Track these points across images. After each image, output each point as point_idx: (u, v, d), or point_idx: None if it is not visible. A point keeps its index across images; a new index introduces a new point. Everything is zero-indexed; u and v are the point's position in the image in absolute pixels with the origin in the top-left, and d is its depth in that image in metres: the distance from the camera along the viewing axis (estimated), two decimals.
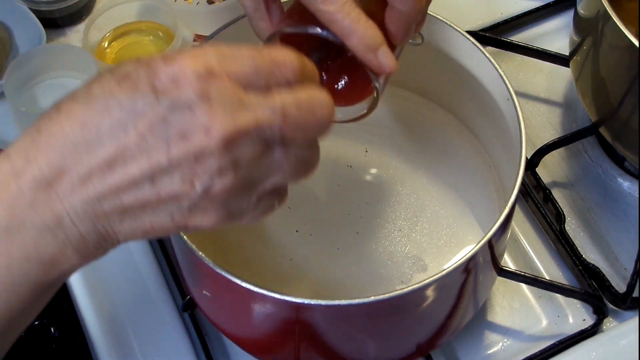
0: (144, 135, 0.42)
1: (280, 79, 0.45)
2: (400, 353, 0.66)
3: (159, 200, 0.43)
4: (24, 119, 0.81)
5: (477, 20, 0.90)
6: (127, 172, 0.42)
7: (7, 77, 0.81)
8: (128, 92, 0.42)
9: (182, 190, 0.43)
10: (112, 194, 0.43)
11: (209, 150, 0.42)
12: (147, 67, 0.43)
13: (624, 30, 0.64)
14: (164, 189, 0.43)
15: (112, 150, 0.42)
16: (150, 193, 0.43)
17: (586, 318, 0.73)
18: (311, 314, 0.58)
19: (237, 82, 0.43)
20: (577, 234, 0.77)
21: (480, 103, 0.70)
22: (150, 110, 0.42)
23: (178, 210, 0.44)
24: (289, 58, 0.46)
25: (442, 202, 0.74)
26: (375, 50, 0.52)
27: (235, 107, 0.43)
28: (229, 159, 0.43)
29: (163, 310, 0.72)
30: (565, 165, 0.82)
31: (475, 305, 0.67)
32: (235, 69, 0.44)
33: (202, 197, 0.43)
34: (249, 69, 0.44)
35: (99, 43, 0.87)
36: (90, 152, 0.42)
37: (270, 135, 0.44)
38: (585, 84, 0.76)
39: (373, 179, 0.76)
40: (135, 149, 0.42)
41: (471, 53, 0.68)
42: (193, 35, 0.88)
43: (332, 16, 0.51)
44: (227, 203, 0.44)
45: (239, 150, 0.43)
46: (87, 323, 0.71)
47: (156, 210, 0.44)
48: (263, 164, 0.45)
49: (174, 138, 0.42)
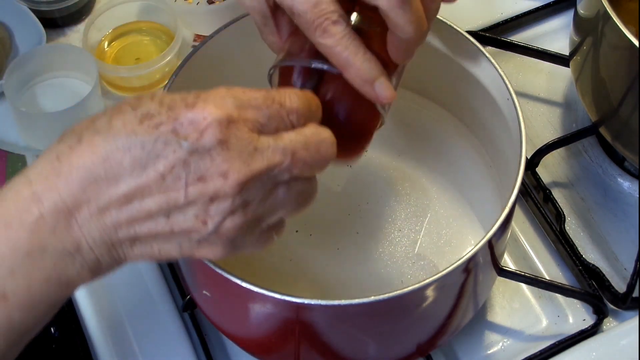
0: (163, 175, 0.45)
1: (287, 123, 0.48)
2: (400, 353, 0.66)
3: (171, 233, 0.46)
4: (24, 119, 0.81)
5: (477, 20, 0.90)
6: (144, 207, 0.45)
7: (7, 77, 0.81)
8: (150, 132, 0.45)
9: (194, 226, 0.46)
10: (127, 225, 0.45)
11: (224, 193, 0.45)
12: (169, 109, 0.45)
13: (624, 30, 0.64)
14: (177, 224, 0.46)
15: (131, 186, 0.45)
16: (163, 226, 0.46)
17: (586, 318, 0.73)
18: (311, 314, 0.58)
19: (252, 128, 0.46)
20: (577, 234, 0.77)
21: (480, 103, 0.70)
22: (171, 152, 0.45)
23: (187, 242, 0.47)
24: (296, 104, 0.49)
25: (442, 202, 0.74)
26: (372, 83, 0.54)
27: (250, 153, 0.46)
28: (241, 201, 0.46)
29: (163, 310, 0.72)
30: (565, 165, 0.82)
31: (475, 305, 0.67)
32: (251, 116, 0.47)
33: (212, 233, 0.46)
34: (262, 115, 0.47)
35: (99, 43, 0.87)
36: (110, 185, 0.45)
37: (279, 176, 0.47)
38: (585, 84, 0.76)
39: (373, 179, 0.76)
40: (153, 187, 0.45)
41: (471, 53, 0.68)
42: (193, 35, 0.88)
43: (330, 49, 0.52)
44: (234, 238, 0.47)
45: (251, 192, 0.46)
46: (87, 323, 0.71)
47: (167, 241, 0.47)
48: (269, 203, 0.48)
49: (192, 180, 0.45)
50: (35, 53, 0.83)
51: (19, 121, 0.81)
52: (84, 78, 0.83)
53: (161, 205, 0.45)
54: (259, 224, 0.48)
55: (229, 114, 0.45)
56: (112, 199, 0.45)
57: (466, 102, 0.73)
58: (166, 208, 0.45)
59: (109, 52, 0.88)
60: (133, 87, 0.85)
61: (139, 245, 0.47)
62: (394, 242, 0.72)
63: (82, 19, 0.90)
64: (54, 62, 0.84)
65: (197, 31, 0.88)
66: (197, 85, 0.69)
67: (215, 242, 0.47)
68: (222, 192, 0.45)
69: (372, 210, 0.74)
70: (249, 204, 0.46)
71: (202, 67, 0.69)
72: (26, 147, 0.81)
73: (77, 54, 0.83)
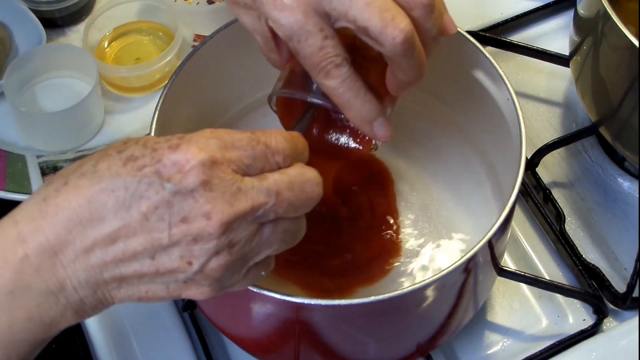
0: (146, 216, 0.45)
1: (273, 164, 0.49)
2: (400, 353, 0.66)
3: (157, 273, 0.46)
4: (24, 119, 0.81)
5: (477, 20, 0.90)
6: (129, 247, 0.46)
7: (7, 77, 0.81)
8: (134, 174, 0.45)
9: (180, 266, 0.46)
10: (112, 265, 0.46)
11: (207, 233, 0.45)
12: (152, 151, 0.46)
13: (624, 30, 0.64)
14: (163, 265, 0.46)
15: (116, 227, 0.45)
16: (149, 267, 0.46)
17: (586, 318, 0.73)
18: (311, 314, 0.58)
19: (236, 169, 0.47)
20: (577, 234, 0.77)
21: (480, 103, 0.70)
22: (154, 194, 0.45)
23: (174, 282, 0.47)
24: (282, 145, 0.49)
25: (441, 202, 0.74)
26: (371, 123, 0.56)
27: (233, 194, 0.46)
28: (226, 241, 0.46)
29: (163, 310, 0.72)
30: (565, 165, 0.82)
31: (475, 305, 0.67)
32: (235, 157, 0.47)
33: (198, 273, 0.47)
34: (247, 157, 0.48)
35: (99, 43, 0.87)
36: (94, 226, 0.45)
37: (264, 216, 0.47)
38: (585, 84, 0.76)
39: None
40: (137, 228, 0.45)
41: (471, 53, 0.68)
42: (193, 35, 0.88)
43: (332, 91, 0.54)
44: (220, 279, 0.48)
45: (235, 232, 0.46)
46: (87, 323, 0.71)
47: (153, 281, 0.47)
48: (255, 242, 0.48)
49: (175, 221, 0.45)
50: (35, 53, 0.83)
51: (19, 121, 0.81)
52: (84, 78, 0.83)
53: (146, 245, 0.45)
54: (246, 262, 0.49)
55: (212, 156, 0.46)
56: (97, 240, 0.45)
57: (466, 102, 0.73)
58: (151, 249, 0.46)
59: (109, 52, 0.88)
60: (133, 87, 0.85)
61: (125, 287, 0.47)
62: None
63: (82, 19, 0.90)
64: (54, 62, 0.84)
65: (197, 31, 0.88)
66: (197, 85, 0.69)
67: (201, 282, 0.47)
68: (206, 233, 0.45)
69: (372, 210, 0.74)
70: (234, 245, 0.47)
71: (202, 67, 0.69)
72: (26, 147, 0.81)
73: (77, 54, 0.83)
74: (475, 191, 0.74)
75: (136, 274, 0.46)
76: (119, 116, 0.84)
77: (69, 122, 0.80)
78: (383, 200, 0.74)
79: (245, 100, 0.76)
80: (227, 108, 0.76)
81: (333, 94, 0.54)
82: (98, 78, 0.81)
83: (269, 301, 0.57)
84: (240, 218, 0.46)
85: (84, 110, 0.80)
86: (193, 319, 0.72)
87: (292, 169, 0.49)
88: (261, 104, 0.77)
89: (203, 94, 0.71)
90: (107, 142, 0.81)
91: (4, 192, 0.76)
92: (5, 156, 0.80)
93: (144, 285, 0.47)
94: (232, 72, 0.72)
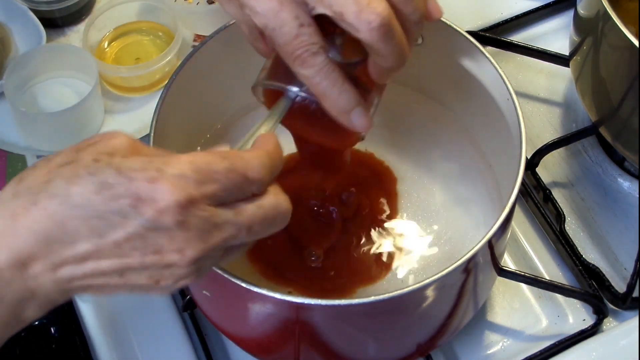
0: (119, 243, 0.46)
1: (248, 194, 0.49)
2: (400, 353, 0.66)
3: (123, 286, 0.47)
4: (24, 119, 0.81)
5: (477, 20, 0.90)
6: (99, 267, 0.46)
7: (7, 77, 0.81)
8: (108, 204, 0.45)
9: (147, 284, 0.47)
10: (81, 279, 0.47)
11: (178, 265, 0.46)
12: (128, 181, 0.45)
13: (624, 30, 0.64)
14: (130, 281, 0.47)
15: (88, 250, 0.46)
16: (117, 282, 0.47)
17: (586, 318, 0.73)
18: (311, 314, 0.58)
19: (211, 202, 0.47)
20: (577, 234, 0.77)
21: (480, 103, 0.70)
22: (129, 225, 0.45)
23: (139, 291, 0.48)
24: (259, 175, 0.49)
25: (441, 202, 0.74)
26: (348, 113, 0.55)
27: (207, 232, 0.47)
28: (195, 269, 0.47)
29: (163, 310, 0.72)
30: (565, 165, 0.82)
31: (475, 305, 0.67)
32: (211, 192, 0.47)
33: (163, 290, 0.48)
34: (223, 188, 0.47)
35: (99, 43, 0.87)
36: (65, 247, 0.46)
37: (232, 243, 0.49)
38: (585, 84, 0.76)
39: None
40: (109, 252, 0.46)
41: (471, 53, 0.68)
42: (193, 35, 0.88)
43: (308, 80, 0.53)
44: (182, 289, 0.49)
45: (204, 261, 0.48)
46: (87, 323, 0.71)
47: (118, 289, 0.48)
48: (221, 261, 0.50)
49: (148, 251, 0.46)
50: (35, 53, 0.83)
51: (19, 121, 0.81)
52: (84, 78, 0.83)
53: (116, 267, 0.46)
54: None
55: (188, 195, 0.46)
56: (68, 258, 0.46)
57: (466, 102, 0.73)
58: (120, 270, 0.46)
59: (109, 52, 0.88)
60: (133, 87, 0.85)
61: (91, 291, 0.48)
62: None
63: (82, 19, 0.90)
64: (54, 62, 0.84)
65: (197, 31, 0.88)
66: (197, 85, 0.69)
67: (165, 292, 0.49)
68: (177, 265, 0.46)
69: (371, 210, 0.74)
70: (201, 270, 0.48)
71: (202, 67, 0.69)
72: (26, 147, 0.81)
73: (77, 54, 0.83)
74: (475, 191, 0.74)
75: (102, 285, 0.47)
76: (119, 116, 0.84)
77: (69, 122, 0.80)
78: (385, 200, 0.74)
79: (245, 100, 0.76)
80: (227, 108, 0.76)
81: (309, 83, 0.53)
82: (98, 78, 0.81)
83: (269, 301, 0.57)
84: (212, 250, 0.47)
85: (84, 110, 0.80)
86: (193, 319, 0.71)
87: (267, 199, 0.49)
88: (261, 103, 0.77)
89: (203, 94, 0.71)
90: None
91: None
92: (5, 156, 0.80)
93: (109, 290, 0.48)
94: (232, 72, 0.72)
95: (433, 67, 0.73)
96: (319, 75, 0.53)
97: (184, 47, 0.85)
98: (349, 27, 0.51)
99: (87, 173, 0.46)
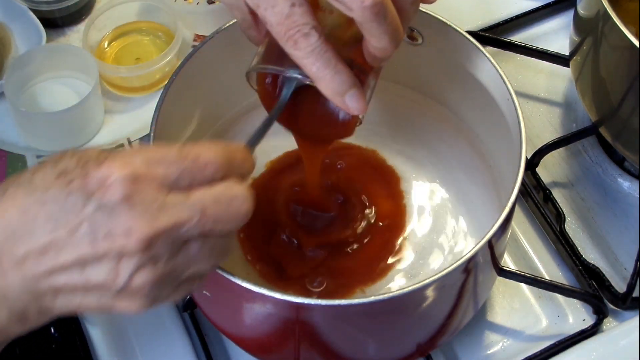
0: (73, 230, 0.46)
1: (202, 179, 0.48)
2: (400, 353, 0.66)
3: (87, 286, 0.47)
4: (24, 119, 0.81)
5: (477, 20, 0.90)
6: (59, 260, 0.46)
7: (7, 77, 0.81)
8: (63, 187, 0.46)
9: (107, 281, 0.47)
10: (45, 277, 0.46)
11: (129, 249, 0.46)
12: (82, 166, 0.46)
13: (624, 30, 0.64)
14: (91, 278, 0.47)
15: (46, 240, 0.46)
16: (79, 279, 0.47)
17: (586, 318, 0.73)
18: (311, 314, 0.58)
19: (161, 184, 0.47)
20: (577, 234, 0.77)
21: (480, 103, 0.70)
22: (80, 208, 0.46)
23: (105, 296, 0.48)
24: (212, 158, 0.49)
25: (441, 202, 0.74)
26: (343, 95, 0.54)
27: (155, 210, 0.46)
28: (148, 257, 0.46)
29: (163, 310, 0.72)
30: (565, 165, 0.82)
31: (475, 305, 0.67)
32: (160, 173, 0.47)
33: (124, 288, 0.47)
34: (173, 172, 0.47)
35: (99, 43, 0.87)
36: (25, 239, 0.46)
37: (188, 232, 0.47)
38: (585, 84, 0.76)
39: None
40: (65, 241, 0.46)
41: (471, 53, 0.68)
42: (193, 35, 0.88)
43: (301, 61, 0.53)
44: (149, 293, 0.48)
45: (158, 248, 0.46)
46: (87, 323, 0.71)
47: (85, 294, 0.47)
48: (181, 258, 0.48)
49: (99, 235, 0.46)
50: (35, 53, 0.83)
51: (19, 121, 0.81)
52: (84, 78, 0.83)
53: (74, 259, 0.46)
54: (176, 278, 0.49)
55: (134, 171, 0.46)
56: (29, 252, 0.46)
57: (466, 102, 0.73)
58: (79, 262, 0.46)
59: (109, 52, 0.88)
60: (133, 87, 0.85)
61: (61, 298, 0.48)
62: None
63: (82, 19, 0.90)
64: (54, 62, 0.84)
65: (197, 31, 0.88)
66: (197, 85, 0.69)
67: (131, 296, 0.47)
68: (128, 249, 0.45)
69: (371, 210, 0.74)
70: (157, 260, 0.47)
71: (202, 67, 0.69)
72: (26, 147, 0.81)
73: (77, 54, 0.83)
74: (475, 191, 0.74)
75: (68, 285, 0.47)
76: (119, 116, 0.84)
77: (69, 122, 0.80)
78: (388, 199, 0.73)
79: (245, 100, 0.76)
80: (227, 107, 0.76)
81: (302, 64, 0.53)
82: (98, 78, 0.81)
83: (269, 301, 0.57)
84: (162, 235, 0.46)
85: (84, 110, 0.80)
86: (193, 319, 0.71)
87: (220, 185, 0.48)
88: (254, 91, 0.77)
89: (203, 94, 0.71)
90: (107, 142, 0.81)
91: None
92: (5, 156, 0.80)
93: (78, 297, 0.47)
94: (232, 72, 0.72)
95: (433, 67, 0.73)
96: (312, 56, 0.52)
97: (184, 47, 0.85)
98: (341, 5, 0.51)
99: (50, 165, 0.47)
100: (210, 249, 0.49)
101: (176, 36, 0.84)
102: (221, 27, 0.69)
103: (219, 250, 0.49)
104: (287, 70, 0.55)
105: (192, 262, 0.48)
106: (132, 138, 0.81)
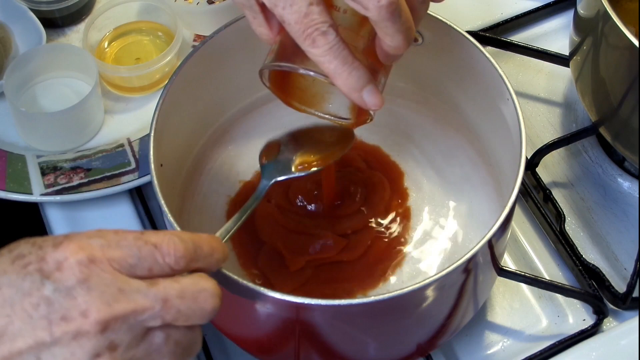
0: (29, 313, 0.45)
1: (164, 265, 0.47)
2: (400, 353, 0.66)
3: None
4: (24, 119, 0.81)
5: (477, 20, 0.90)
6: (14, 346, 0.45)
7: (7, 77, 0.81)
8: (19, 271, 0.45)
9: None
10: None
11: (85, 332, 0.45)
12: (38, 249, 0.46)
13: (624, 30, 0.64)
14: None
15: (2, 324, 0.45)
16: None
17: (586, 318, 0.73)
18: (311, 314, 0.58)
19: (118, 268, 0.46)
20: (577, 234, 0.77)
21: (480, 103, 0.70)
22: (36, 291, 0.45)
23: None
24: (174, 247, 0.48)
25: (441, 202, 0.74)
26: (360, 91, 0.55)
27: (114, 293, 0.45)
28: (105, 342, 0.45)
29: None
30: (565, 165, 0.82)
31: (475, 305, 0.67)
32: (118, 256, 0.46)
33: None
34: (131, 256, 0.47)
35: (99, 43, 0.87)
36: None
37: (149, 321, 0.46)
38: (585, 84, 0.76)
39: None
40: (22, 325, 0.45)
41: (471, 53, 0.68)
42: (193, 35, 0.88)
43: (319, 58, 0.53)
44: None
45: (116, 333, 0.45)
46: None
47: None
48: (142, 349, 0.46)
49: (56, 319, 0.45)
50: (35, 53, 0.83)
51: (19, 121, 0.81)
52: (84, 78, 0.83)
53: (30, 344, 0.45)
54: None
55: (90, 254, 0.46)
56: None
57: (466, 102, 0.73)
58: (35, 347, 0.45)
59: (109, 52, 0.88)
60: (133, 87, 0.85)
61: None
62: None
63: (82, 19, 0.90)
64: (54, 62, 0.84)
65: (197, 31, 0.88)
66: (197, 85, 0.69)
67: None
68: (84, 331, 0.44)
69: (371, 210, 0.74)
70: (116, 347, 0.45)
71: (202, 67, 0.69)
72: (26, 147, 0.81)
73: (77, 54, 0.83)
74: (475, 191, 0.74)
75: None
76: (119, 116, 0.84)
77: (69, 122, 0.80)
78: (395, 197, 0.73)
79: (245, 100, 0.76)
80: (226, 108, 0.76)
81: (320, 62, 0.53)
82: (98, 78, 0.81)
83: (269, 301, 0.57)
84: (120, 318, 0.45)
85: (84, 110, 0.80)
86: None
87: (186, 278, 0.48)
88: (261, 103, 0.77)
89: (203, 94, 0.71)
90: (107, 142, 0.81)
91: (4, 192, 0.76)
92: (5, 156, 0.80)
93: None
94: (231, 72, 0.72)
95: (433, 67, 0.73)
96: (330, 54, 0.53)
97: (184, 47, 0.85)
98: (357, 5, 0.51)
99: (7, 250, 0.47)
100: (174, 344, 0.47)
101: (176, 36, 0.84)
102: (221, 27, 0.69)
103: (184, 345, 0.48)
104: (302, 68, 0.56)
105: (154, 355, 0.47)
106: (132, 138, 0.81)
